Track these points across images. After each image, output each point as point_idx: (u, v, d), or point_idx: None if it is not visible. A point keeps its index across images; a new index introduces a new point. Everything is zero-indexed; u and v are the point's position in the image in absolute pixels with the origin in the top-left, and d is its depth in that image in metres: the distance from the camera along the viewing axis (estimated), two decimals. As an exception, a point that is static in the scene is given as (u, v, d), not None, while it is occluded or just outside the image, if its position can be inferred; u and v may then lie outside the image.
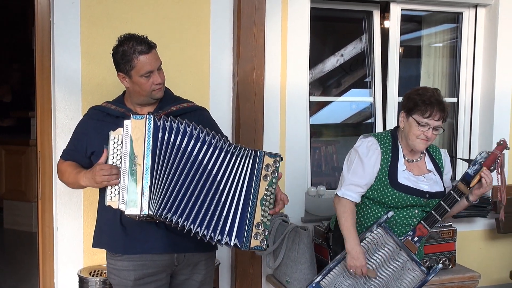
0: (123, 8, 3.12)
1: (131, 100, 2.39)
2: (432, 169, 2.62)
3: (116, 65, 2.33)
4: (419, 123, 2.47)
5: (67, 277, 3.13)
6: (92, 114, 2.41)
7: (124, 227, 2.29)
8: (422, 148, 2.54)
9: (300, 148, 3.53)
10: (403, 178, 2.54)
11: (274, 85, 3.43)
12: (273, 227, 3.35)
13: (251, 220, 2.19)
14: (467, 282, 3.40)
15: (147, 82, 2.28)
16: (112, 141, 2.19)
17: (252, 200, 2.19)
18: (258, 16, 3.28)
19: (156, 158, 2.13)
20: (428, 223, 2.52)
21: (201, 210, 2.15)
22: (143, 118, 2.15)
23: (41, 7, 3.12)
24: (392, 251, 2.52)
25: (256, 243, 2.19)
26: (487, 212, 3.80)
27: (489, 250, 4.01)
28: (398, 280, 2.53)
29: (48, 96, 3.14)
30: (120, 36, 2.32)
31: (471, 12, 3.98)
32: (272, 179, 2.22)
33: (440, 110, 2.46)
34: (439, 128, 2.50)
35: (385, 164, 2.55)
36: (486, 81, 3.96)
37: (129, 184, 2.12)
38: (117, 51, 2.30)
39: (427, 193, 2.54)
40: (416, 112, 2.48)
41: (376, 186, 2.55)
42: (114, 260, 2.35)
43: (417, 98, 2.49)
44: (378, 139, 2.59)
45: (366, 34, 4.03)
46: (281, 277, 3.30)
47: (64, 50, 3.06)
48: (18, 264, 5.05)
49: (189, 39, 3.27)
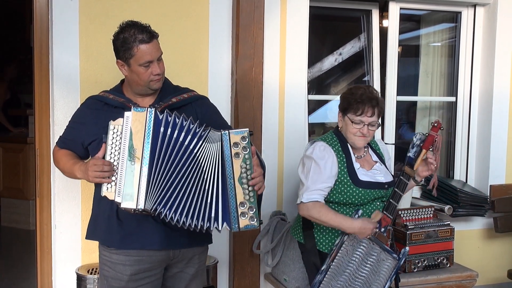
0: (122, 6, 3.12)
1: (130, 89, 2.35)
2: (377, 160, 2.72)
3: (116, 51, 2.29)
4: (353, 121, 2.57)
5: (65, 275, 3.13)
6: (90, 103, 2.37)
7: (121, 221, 2.26)
8: (361, 144, 2.63)
9: (299, 147, 3.51)
10: (362, 175, 2.61)
11: (273, 84, 3.43)
12: (271, 225, 3.36)
13: (233, 201, 2.18)
14: (465, 281, 3.40)
15: (146, 72, 2.24)
16: (111, 131, 2.15)
17: (229, 181, 2.17)
18: (257, 14, 3.28)
19: (156, 153, 2.12)
20: (389, 211, 2.60)
21: (191, 202, 2.15)
22: (144, 111, 2.13)
23: (40, 4, 3.11)
24: (366, 247, 2.59)
25: (245, 222, 2.18)
26: (485, 211, 3.80)
27: (487, 249, 4.02)
28: (376, 273, 2.59)
29: (46, 93, 3.13)
30: (122, 22, 2.28)
31: (470, 11, 3.98)
32: (244, 156, 2.17)
33: (372, 106, 2.55)
34: (375, 124, 2.59)
35: (342, 165, 2.60)
36: (485, 81, 3.96)
37: (127, 177, 2.11)
38: (118, 37, 2.26)
39: (385, 184, 2.64)
40: (349, 111, 2.58)
41: (339, 189, 2.59)
42: (109, 253, 2.31)
43: (350, 98, 2.59)
44: (327, 142, 2.64)
45: (364, 33, 4.03)
46: (279, 276, 3.30)
47: (63, 47, 3.05)
48: (15, 262, 5.04)
49: (187, 37, 3.26)
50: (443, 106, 4.23)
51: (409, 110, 4.61)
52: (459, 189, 3.70)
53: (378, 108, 2.58)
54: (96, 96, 2.38)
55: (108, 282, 2.33)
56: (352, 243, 2.59)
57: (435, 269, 3.39)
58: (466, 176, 4.07)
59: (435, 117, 4.26)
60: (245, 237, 3.34)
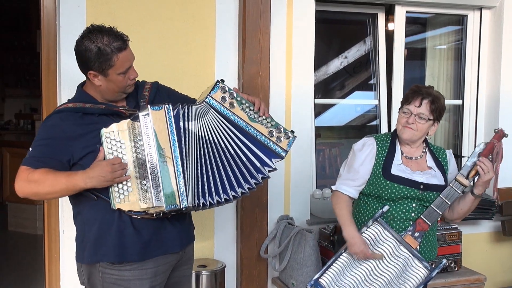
0: (129, 11, 3.11)
1: (99, 95, 2.18)
2: (433, 166, 2.61)
3: (85, 62, 2.09)
4: (402, 111, 2.56)
5: (73, 280, 3.11)
6: (63, 117, 2.12)
7: (138, 230, 2.13)
8: (406, 136, 2.54)
9: (306, 151, 3.51)
10: (397, 170, 2.55)
11: (279, 88, 3.42)
12: (278, 229, 3.35)
13: (263, 137, 2.26)
14: (473, 284, 3.38)
15: (124, 78, 2.13)
16: (107, 139, 2.06)
17: (246, 128, 2.24)
18: (263, 19, 3.27)
19: (183, 148, 2.11)
20: (428, 217, 2.49)
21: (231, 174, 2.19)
22: (161, 109, 2.09)
23: (47, 10, 3.11)
24: (392, 247, 2.49)
25: (285, 142, 2.29)
26: (493, 214, 3.78)
27: (495, 252, 3.99)
28: (401, 277, 2.48)
29: (54, 99, 3.12)
30: (85, 30, 2.11)
31: (476, 14, 3.97)
32: (236, 99, 2.24)
33: (421, 98, 2.51)
34: (424, 117, 2.50)
35: (379, 159, 2.58)
36: (491, 83, 3.93)
37: (163, 179, 2.05)
38: (87, 47, 2.06)
39: (421, 184, 2.52)
40: (403, 103, 2.58)
41: (371, 180, 2.58)
42: (119, 271, 2.14)
43: (407, 91, 2.62)
44: (376, 138, 2.65)
45: (370, 36, 4.02)
46: (286, 280, 3.28)
47: (70, 52, 3.02)
48: (22, 267, 5.05)
49: (194, 41, 3.26)
50: (449, 109, 4.21)
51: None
52: (467, 192, 3.68)
53: (429, 102, 2.50)
54: (68, 108, 2.15)
55: None
56: (374, 237, 2.50)
57: (443, 273, 3.36)
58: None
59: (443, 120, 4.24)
60: (253, 241, 3.33)
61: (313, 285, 2.49)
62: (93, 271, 2.18)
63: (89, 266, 2.19)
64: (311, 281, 2.51)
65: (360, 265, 2.49)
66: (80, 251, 2.21)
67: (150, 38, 3.16)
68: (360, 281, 2.49)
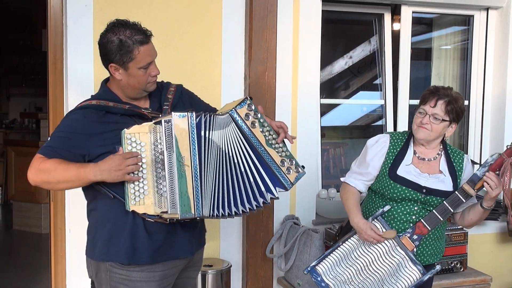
0: (135, 11, 3.10)
1: (122, 93, 2.19)
2: (444, 171, 2.57)
3: (107, 55, 2.10)
4: (418, 111, 2.53)
5: (79, 279, 3.11)
6: (86, 113, 2.13)
7: (150, 234, 2.13)
8: (421, 136, 2.52)
9: (312, 151, 3.50)
10: (404, 171, 2.53)
11: (285, 87, 3.40)
12: (284, 229, 3.34)
13: (274, 164, 2.19)
14: (479, 285, 3.37)
15: (145, 74, 2.12)
16: (128, 140, 2.05)
17: (260, 150, 2.18)
18: (270, 19, 3.26)
19: (202, 157, 2.09)
20: (428, 222, 2.48)
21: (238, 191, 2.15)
22: (185, 116, 2.07)
23: (54, 10, 3.11)
24: (389, 246, 2.51)
25: (293, 175, 2.23)
26: (499, 215, 3.76)
27: (501, 253, 3.97)
28: (394, 276, 2.51)
29: (60, 98, 3.12)
30: (109, 23, 2.12)
31: (482, 14, 3.95)
32: (259, 120, 2.17)
33: (436, 98, 2.48)
34: (439, 118, 2.47)
35: (389, 158, 2.57)
36: (498, 84, 3.92)
37: (180, 187, 2.05)
38: (109, 39, 2.08)
39: (424, 188, 2.50)
40: (420, 103, 2.56)
41: (378, 178, 2.59)
42: (127, 271, 2.15)
43: (425, 92, 2.57)
44: (392, 135, 2.65)
45: (376, 36, 4.01)
46: (292, 280, 3.27)
47: (77, 52, 3.04)
48: (28, 265, 5.05)
49: (201, 41, 3.25)
50: (455, 110, 4.20)
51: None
52: (473, 193, 3.66)
53: (445, 103, 2.46)
54: (92, 105, 2.15)
55: None
56: None
57: (449, 273, 3.35)
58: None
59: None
60: (258, 241, 3.32)
61: (310, 271, 2.56)
62: (101, 268, 2.18)
63: (98, 263, 2.19)
64: (308, 267, 2.57)
65: (357, 258, 2.53)
66: (91, 246, 2.21)
67: (157, 38, 3.14)
68: (355, 274, 2.53)
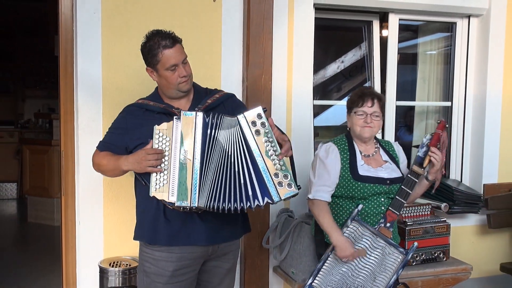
0: (141, 19, 3.13)
1: (164, 94, 2.38)
2: (388, 160, 2.70)
3: (145, 60, 2.33)
4: (357, 113, 2.61)
5: (88, 268, 3.14)
6: (130, 110, 2.38)
7: (168, 220, 2.27)
8: (368, 134, 2.63)
9: (305, 149, 3.53)
10: (363, 170, 2.62)
11: (281, 90, 3.43)
12: (279, 222, 3.36)
13: (267, 175, 2.16)
14: (460, 273, 3.40)
15: (173, 75, 2.28)
16: (157, 135, 2.18)
17: (258, 159, 2.17)
18: (266, 25, 3.29)
19: (205, 154, 2.15)
20: (395, 207, 2.59)
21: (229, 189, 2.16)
22: (192, 115, 2.16)
23: (65, 16, 3.13)
24: (370, 240, 2.57)
25: (285, 191, 2.16)
26: (479, 208, 3.79)
27: (481, 244, 4.00)
28: (382, 265, 2.57)
29: (71, 100, 3.15)
30: (148, 32, 2.33)
31: (464, 22, 3.97)
32: (265, 131, 2.18)
33: (371, 98, 2.60)
34: (378, 115, 2.61)
35: (345, 162, 2.63)
36: (478, 87, 3.94)
37: (180, 178, 2.13)
38: (145, 46, 2.30)
39: (387, 180, 2.62)
40: (353, 107, 2.63)
41: (341, 183, 2.62)
42: (152, 250, 2.32)
43: (352, 96, 2.68)
44: (334, 142, 2.70)
45: (366, 42, 4.02)
46: (287, 269, 3.30)
47: (86, 57, 3.07)
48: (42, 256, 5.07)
49: (202, 46, 3.28)
50: (439, 110, 4.22)
51: (407, 114, 4.60)
52: (455, 188, 3.69)
53: (378, 100, 2.62)
54: (136, 103, 2.39)
55: (150, 278, 2.34)
56: (353, 235, 2.58)
57: (433, 263, 3.38)
58: (461, 176, 4.06)
59: (432, 120, 4.25)
60: (255, 232, 3.34)
61: None
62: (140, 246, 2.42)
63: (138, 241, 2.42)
64: (305, 286, 2.61)
65: (345, 262, 2.57)
66: (136, 227, 2.43)
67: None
68: (347, 276, 2.58)
